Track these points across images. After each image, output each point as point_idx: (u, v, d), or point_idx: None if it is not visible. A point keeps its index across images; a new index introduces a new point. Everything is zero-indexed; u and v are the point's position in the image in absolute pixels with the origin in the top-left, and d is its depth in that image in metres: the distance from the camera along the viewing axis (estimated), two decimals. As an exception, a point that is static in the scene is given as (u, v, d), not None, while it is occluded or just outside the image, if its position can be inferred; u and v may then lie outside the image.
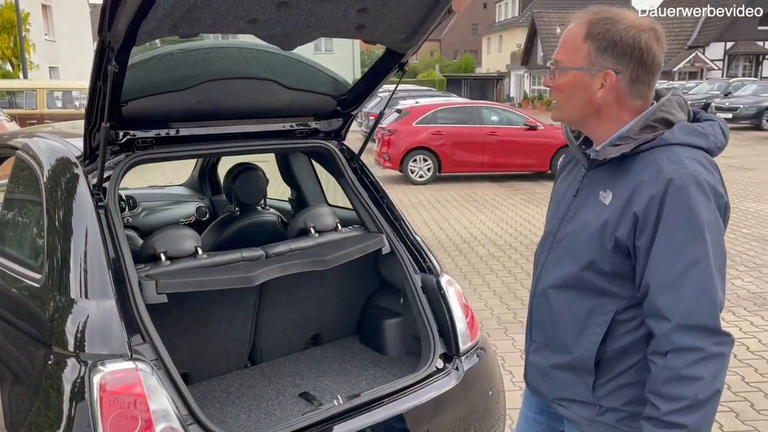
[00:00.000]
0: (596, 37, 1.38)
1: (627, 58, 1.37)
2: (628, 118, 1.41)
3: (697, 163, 1.33)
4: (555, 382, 1.53)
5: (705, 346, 1.27)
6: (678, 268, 1.29)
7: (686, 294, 1.28)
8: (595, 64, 1.38)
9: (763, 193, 9.86)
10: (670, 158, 1.33)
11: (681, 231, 1.29)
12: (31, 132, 2.56)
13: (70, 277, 1.81)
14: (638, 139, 1.36)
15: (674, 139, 1.35)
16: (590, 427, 1.49)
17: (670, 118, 1.38)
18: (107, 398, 1.64)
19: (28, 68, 21.24)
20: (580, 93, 1.42)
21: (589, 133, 1.49)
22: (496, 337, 4.39)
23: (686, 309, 1.28)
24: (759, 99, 20.94)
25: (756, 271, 5.82)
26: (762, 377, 3.72)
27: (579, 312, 1.45)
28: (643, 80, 1.39)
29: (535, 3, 46.04)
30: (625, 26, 1.37)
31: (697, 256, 1.29)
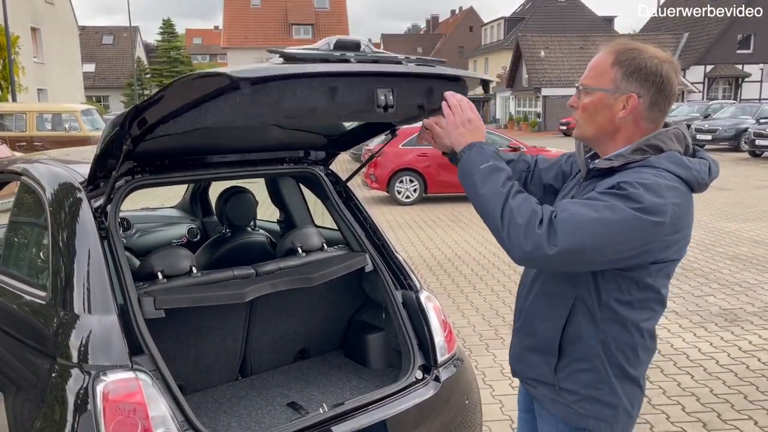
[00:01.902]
0: (623, 63, 1.54)
1: (649, 84, 1.53)
2: (638, 140, 1.57)
3: (666, 181, 1.46)
4: (526, 363, 1.72)
5: (537, 232, 1.43)
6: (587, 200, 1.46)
7: (572, 213, 1.43)
8: (620, 87, 1.54)
9: (738, 213, 10.15)
10: (638, 170, 1.49)
11: (614, 196, 1.44)
12: (32, 158, 2.70)
13: (74, 294, 1.95)
14: (629, 158, 1.53)
15: (657, 163, 1.51)
16: (552, 407, 1.67)
17: (662, 146, 1.54)
18: (109, 406, 1.77)
19: (17, 91, 21.32)
20: (603, 112, 1.57)
21: (602, 150, 1.64)
22: (478, 353, 4.54)
23: (563, 220, 1.43)
24: (737, 121, 21.45)
25: (728, 289, 6.03)
26: (729, 389, 3.90)
27: (547, 299, 1.64)
28: (660, 106, 1.56)
29: (520, 27, 46.89)
30: (649, 56, 1.55)
31: (604, 214, 1.41)
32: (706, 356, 4.42)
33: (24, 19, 26.98)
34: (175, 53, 52.39)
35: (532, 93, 38.53)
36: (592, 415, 1.61)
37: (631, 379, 1.62)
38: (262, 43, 50.45)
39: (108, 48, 53.99)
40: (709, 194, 11.94)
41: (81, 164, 2.44)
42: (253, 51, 50.02)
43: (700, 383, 3.99)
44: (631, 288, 1.54)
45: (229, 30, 50.90)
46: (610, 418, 1.61)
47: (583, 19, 49.23)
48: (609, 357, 1.59)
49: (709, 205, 10.92)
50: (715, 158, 1.64)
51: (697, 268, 6.80)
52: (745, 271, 6.64)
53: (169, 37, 52.99)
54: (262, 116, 1.82)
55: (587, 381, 1.60)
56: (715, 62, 36.98)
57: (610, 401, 1.60)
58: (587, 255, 1.44)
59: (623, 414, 1.63)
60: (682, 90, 36.76)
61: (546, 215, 1.44)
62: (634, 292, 1.55)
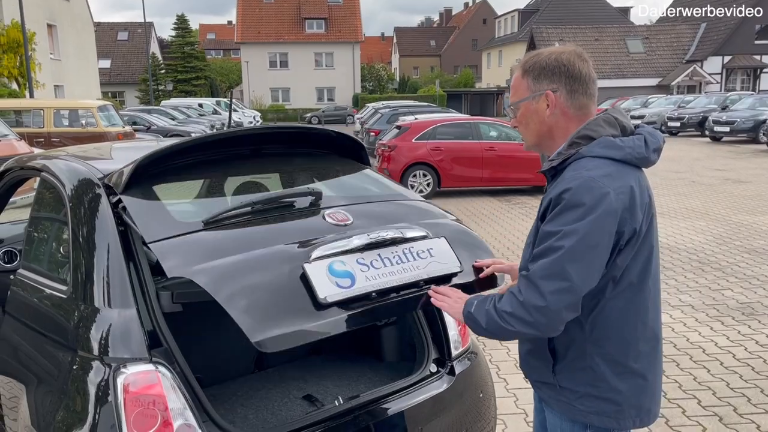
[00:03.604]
0: (529, 70, 1.69)
1: (557, 76, 1.65)
2: (574, 130, 1.66)
3: (598, 170, 1.54)
4: (529, 366, 1.80)
5: (529, 306, 1.55)
6: (544, 248, 1.55)
7: (541, 264, 1.54)
8: (535, 90, 1.68)
9: (756, 206, 10.03)
10: (575, 168, 1.58)
11: (560, 220, 1.53)
12: (51, 154, 2.74)
13: (94, 289, 1.98)
14: (565, 154, 1.62)
15: (588, 152, 1.59)
16: (557, 405, 1.74)
17: (593, 135, 1.61)
18: (130, 398, 1.81)
19: (34, 87, 21.56)
20: (533, 118, 1.70)
21: (549, 152, 1.73)
22: (492, 346, 4.55)
23: (526, 286, 1.56)
24: (756, 113, 21.12)
25: (746, 282, 5.98)
26: (746, 383, 3.88)
27: None
28: (579, 90, 1.65)
29: (534, 19, 46.54)
30: (547, 54, 1.68)
31: (561, 243, 1.51)
32: (723, 350, 4.39)
33: (40, 16, 27.25)
34: (189, 49, 52.60)
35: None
36: (593, 411, 1.65)
37: (633, 373, 1.64)
38: (275, 37, 50.60)
39: (123, 44, 54.43)
40: (726, 187, 11.83)
41: (99, 160, 2.48)
42: (267, 46, 50.20)
43: (716, 377, 3.97)
44: (607, 286, 1.59)
45: (242, 25, 51.03)
46: (614, 413, 1.65)
47: (598, 10, 48.71)
48: (603, 355, 1.63)
49: (726, 197, 10.81)
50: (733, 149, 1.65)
51: (713, 261, 6.75)
52: (762, 265, 6.58)
53: (183, 32, 53.20)
54: None
55: (585, 379, 1.65)
56: (733, 53, 36.46)
57: (610, 397, 1.64)
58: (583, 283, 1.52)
59: (630, 408, 1.66)
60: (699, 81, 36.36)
61: (520, 286, 1.59)
62: (612, 287, 1.60)
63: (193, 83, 51.33)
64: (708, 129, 22.19)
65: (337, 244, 1.93)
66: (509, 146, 11.85)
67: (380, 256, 1.98)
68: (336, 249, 1.93)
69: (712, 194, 11.23)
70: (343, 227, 2.06)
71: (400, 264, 2.00)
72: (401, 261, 2.00)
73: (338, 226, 2.06)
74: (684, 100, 27.85)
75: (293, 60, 51.04)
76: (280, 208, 2.12)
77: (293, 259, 1.88)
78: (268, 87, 50.73)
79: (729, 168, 14.71)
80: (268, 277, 1.83)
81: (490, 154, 11.73)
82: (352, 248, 1.94)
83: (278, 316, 1.77)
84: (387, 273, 1.95)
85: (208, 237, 1.95)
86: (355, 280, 1.88)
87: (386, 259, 1.98)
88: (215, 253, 1.85)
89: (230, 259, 1.85)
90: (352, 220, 2.11)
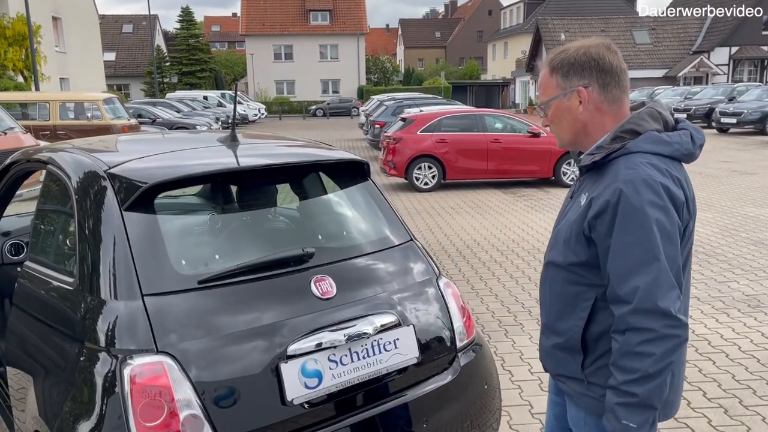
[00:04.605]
0: (557, 67, 1.66)
1: (588, 71, 1.62)
2: (610, 124, 1.63)
3: (652, 168, 1.52)
4: (555, 361, 1.76)
5: (657, 327, 1.45)
6: (633, 261, 1.48)
7: (641, 283, 1.47)
8: (565, 87, 1.65)
9: (763, 198, 9.98)
10: (627, 165, 1.53)
11: (632, 229, 1.49)
12: (57, 147, 2.75)
13: (100, 280, 1.99)
14: (609, 148, 1.58)
15: (636, 147, 1.55)
16: (581, 400, 1.71)
17: (638, 129, 1.58)
18: (136, 389, 1.82)
19: (39, 80, 21.60)
20: (566, 116, 1.68)
21: (585, 148, 1.69)
22: (497, 338, 4.55)
23: (641, 295, 1.46)
24: (763, 104, 20.98)
25: (752, 274, 5.96)
26: (752, 375, 3.87)
27: (566, 298, 1.67)
28: (611, 83, 1.62)
29: (540, 10, 46.26)
30: (575, 49, 1.64)
31: (649, 249, 1.47)
32: (729, 342, 4.38)
33: (45, 9, 27.26)
34: (194, 41, 52.52)
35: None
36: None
37: None
38: (279, 29, 50.49)
39: (128, 36, 54.39)
40: (732, 179, 11.77)
41: (104, 153, 2.49)
42: (272, 38, 50.10)
43: (722, 369, 3.96)
44: None
45: (247, 17, 50.94)
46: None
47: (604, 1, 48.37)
48: None
49: (733, 189, 10.76)
50: (740, 141, 1.64)
51: (719, 253, 6.72)
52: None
53: (188, 24, 53.11)
54: None
55: None
56: (740, 44, 36.17)
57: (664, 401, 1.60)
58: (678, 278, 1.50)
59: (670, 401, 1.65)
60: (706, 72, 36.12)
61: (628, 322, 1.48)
62: None
63: (198, 76, 51.30)
64: (715, 120, 22.05)
65: (315, 341, 2.05)
66: (514, 138, 11.82)
67: (350, 351, 2.12)
68: (312, 347, 2.04)
69: (719, 186, 11.18)
70: (326, 301, 2.14)
71: (367, 358, 2.16)
72: (368, 355, 2.17)
73: (321, 301, 2.14)
74: (691, 91, 27.68)
75: (298, 52, 50.95)
76: (273, 267, 2.16)
77: (270, 350, 2.00)
78: (273, 79, 50.68)
79: (735, 159, 14.63)
80: (244, 368, 1.95)
81: (496, 146, 11.70)
82: (327, 346, 2.07)
83: (244, 411, 1.92)
84: (352, 369, 2.11)
85: (200, 302, 2.00)
86: (322, 379, 2.05)
87: (355, 353, 2.13)
88: (204, 327, 1.94)
89: (216, 342, 1.94)
90: (335, 293, 2.18)
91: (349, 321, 2.15)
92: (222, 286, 2.03)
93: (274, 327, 2.03)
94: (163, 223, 2.17)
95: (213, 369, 1.90)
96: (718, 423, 3.33)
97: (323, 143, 2.96)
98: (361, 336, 2.13)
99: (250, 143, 2.76)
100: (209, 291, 2.01)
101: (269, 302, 2.09)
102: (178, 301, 1.96)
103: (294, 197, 2.86)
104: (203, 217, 2.71)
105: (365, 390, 2.16)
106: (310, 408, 2.02)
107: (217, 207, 2.90)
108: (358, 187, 2.68)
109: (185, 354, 1.88)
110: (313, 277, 2.18)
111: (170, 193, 2.42)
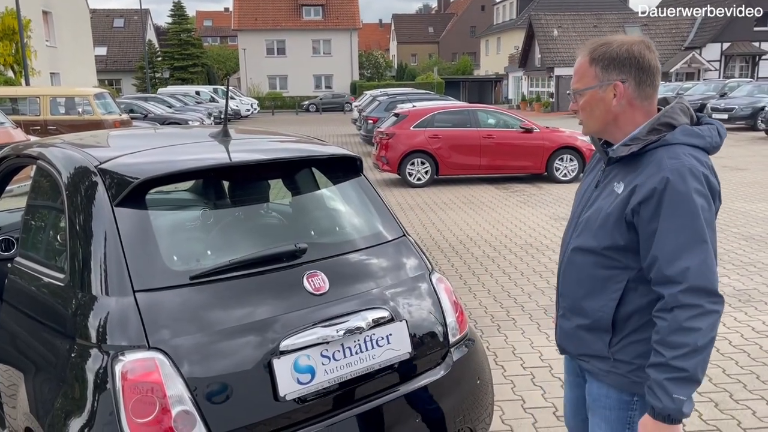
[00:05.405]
0: (598, 59, 1.71)
1: (627, 67, 1.69)
2: (641, 119, 1.72)
3: (693, 158, 1.62)
4: (579, 341, 1.84)
5: (704, 303, 1.57)
6: (683, 243, 1.59)
7: (691, 263, 1.58)
8: (603, 80, 1.71)
9: (754, 193, 10.05)
10: (670, 155, 1.63)
11: (681, 214, 1.59)
12: (47, 142, 2.73)
13: (91, 276, 1.98)
14: (646, 140, 1.67)
15: (675, 139, 1.65)
16: (606, 377, 1.79)
17: (673, 122, 1.68)
18: (128, 385, 1.81)
19: (30, 75, 21.44)
20: (599, 106, 1.74)
21: (612, 138, 1.78)
22: (489, 334, 4.57)
23: (692, 275, 1.57)
24: (754, 100, 21.10)
25: (743, 269, 6.00)
26: (742, 370, 3.90)
27: (596, 281, 1.76)
28: (646, 82, 1.71)
29: (533, 5, 46.26)
30: (618, 44, 1.71)
31: (697, 233, 1.58)
32: (720, 337, 4.41)
33: (35, 3, 27.05)
34: (185, 36, 52.23)
35: (544, 73, 38.11)
36: (645, 382, 1.70)
37: None
38: (272, 24, 50.28)
39: (119, 31, 54.06)
40: (723, 174, 11.83)
41: (95, 148, 2.47)
42: (264, 33, 49.89)
43: (713, 363, 3.99)
44: None
45: (239, 12, 50.69)
46: None
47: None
48: None
49: (724, 185, 10.75)
50: (732, 137, 1.73)
51: (710, 248, 6.75)
52: (759, 252, 6.60)
53: (180, 19, 52.79)
54: None
55: (642, 351, 1.71)
56: (731, 40, 36.31)
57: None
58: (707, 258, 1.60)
59: None
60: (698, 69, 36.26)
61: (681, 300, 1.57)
62: None
63: (190, 71, 51.04)
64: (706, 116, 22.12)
65: (308, 337, 2.05)
66: (507, 134, 11.83)
67: (343, 346, 2.12)
68: (305, 342, 2.04)
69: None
70: (319, 297, 2.14)
71: (359, 354, 2.16)
72: (361, 350, 2.17)
73: (314, 296, 2.14)
74: (682, 87, 27.77)
75: (291, 47, 50.75)
76: (266, 263, 2.15)
77: (263, 346, 1.99)
78: (266, 74, 50.48)
79: (727, 155, 14.69)
80: (236, 364, 1.94)
81: (489, 141, 11.71)
82: (320, 342, 2.07)
83: (236, 407, 1.91)
84: (345, 365, 2.11)
85: (192, 298, 1.98)
86: (315, 375, 2.05)
87: (348, 349, 2.13)
88: (196, 323, 1.93)
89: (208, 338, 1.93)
90: (327, 288, 2.18)
91: (342, 316, 2.15)
92: (214, 281, 2.03)
93: (267, 323, 2.03)
94: (155, 219, 2.16)
95: (205, 365, 1.90)
96: (708, 417, 3.35)
97: (316, 139, 2.95)
98: (354, 331, 2.13)
99: (242, 138, 2.74)
100: (201, 287, 2.00)
101: (262, 298, 2.08)
102: (169, 296, 1.95)
103: (286, 193, 2.85)
104: (195, 213, 2.70)
105: (358, 385, 2.16)
106: (302, 404, 2.02)
107: (209, 202, 2.89)
108: (350, 182, 2.68)
109: (177, 350, 1.87)
110: (306, 272, 2.17)
111: (162, 188, 2.40)
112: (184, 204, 2.89)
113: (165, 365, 1.85)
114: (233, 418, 1.90)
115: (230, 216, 2.69)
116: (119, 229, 2.02)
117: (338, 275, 2.26)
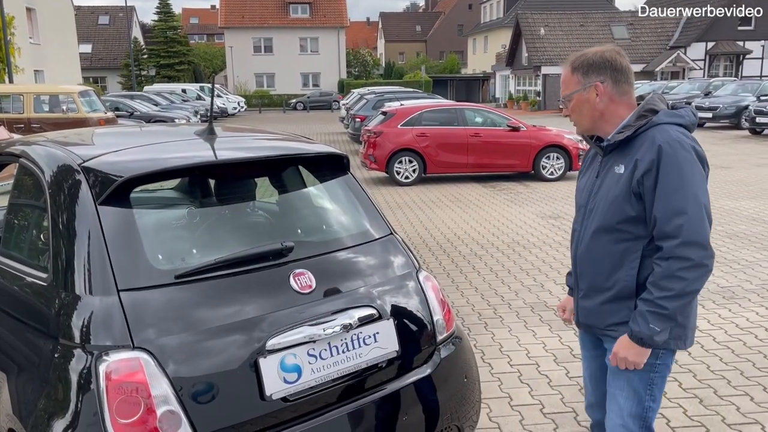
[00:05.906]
0: (578, 67, 2.04)
1: (603, 70, 2.01)
2: (625, 112, 2.02)
3: (679, 133, 1.92)
4: (605, 314, 2.07)
5: (694, 257, 1.85)
6: (678, 203, 1.85)
7: (685, 221, 1.84)
8: (585, 83, 2.03)
9: (738, 191, 10.15)
10: (660, 132, 1.92)
11: (675, 178, 1.86)
12: (30, 140, 2.69)
13: (74, 276, 1.96)
14: (636, 125, 1.96)
15: (660, 120, 1.95)
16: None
17: (656, 107, 1.98)
18: (112, 385, 1.79)
19: (13, 72, 21.18)
20: (585, 106, 2.05)
21: (602, 133, 2.07)
22: (476, 331, 4.58)
23: (686, 230, 1.84)
24: (738, 98, 21.30)
25: (726, 266, 6.06)
26: (726, 366, 3.94)
27: (614, 256, 2.01)
28: (622, 80, 2.02)
29: (520, 4, 46.43)
30: (593, 53, 2.04)
31: (689, 193, 1.85)
32: (704, 333, 4.45)
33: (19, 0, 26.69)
34: (172, 33, 51.90)
35: (531, 71, 38.27)
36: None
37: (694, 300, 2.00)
38: (259, 22, 50.06)
39: (104, 28, 53.54)
40: (708, 172, 11.92)
41: (79, 146, 2.44)
42: (251, 30, 49.65)
43: (697, 360, 4.02)
44: None
45: (226, 9, 50.42)
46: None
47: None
48: None
49: (709, 183, 10.86)
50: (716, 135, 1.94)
51: (695, 246, 6.81)
52: (743, 249, 6.67)
53: (166, 16, 52.44)
54: None
55: None
56: (716, 39, 36.65)
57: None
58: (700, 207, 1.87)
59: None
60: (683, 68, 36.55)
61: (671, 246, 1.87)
62: None
63: (177, 68, 50.71)
64: (691, 115, 22.30)
65: (294, 336, 2.04)
66: (494, 132, 11.87)
67: (330, 345, 2.12)
68: (292, 341, 2.04)
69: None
70: (306, 296, 2.14)
71: (346, 352, 2.16)
72: (348, 349, 2.17)
73: (301, 295, 2.13)
74: (667, 86, 27.99)
75: (278, 45, 50.58)
76: (252, 262, 2.13)
77: (249, 345, 1.98)
78: (253, 72, 50.28)
79: (711, 154, 14.83)
80: (222, 364, 1.93)
81: (476, 140, 11.74)
82: (306, 341, 2.06)
83: (222, 407, 1.90)
84: (331, 364, 2.11)
85: (177, 297, 1.97)
86: (301, 374, 2.04)
87: (335, 347, 2.13)
88: (182, 322, 1.92)
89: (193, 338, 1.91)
90: (315, 286, 2.17)
91: (329, 315, 2.14)
92: (199, 280, 2.01)
93: (253, 322, 2.02)
94: (140, 218, 2.13)
95: (191, 364, 1.88)
96: (693, 413, 3.38)
97: (303, 137, 2.94)
98: (341, 330, 2.12)
99: (228, 136, 2.72)
100: (186, 286, 1.99)
101: (248, 297, 2.07)
102: (154, 296, 1.94)
103: (273, 191, 2.83)
104: (180, 211, 2.68)
105: (345, 384, 2.15)
106: (289, 403, 2.01)
107: (194, 201, 2.87)
108: (337, 180, 2.67)
109: (162, 349, 1.86)
110: (293, 271, 2.16)
111: (147, 186, 2.38)
112: (170, 202, 2.87)
113: (150, 365, 1.83)
114: (219, 418, 1.89)
115: (216, 214, 2.67)
116: (103, 228, 2.00)
117: (325, 274, 2.25)
